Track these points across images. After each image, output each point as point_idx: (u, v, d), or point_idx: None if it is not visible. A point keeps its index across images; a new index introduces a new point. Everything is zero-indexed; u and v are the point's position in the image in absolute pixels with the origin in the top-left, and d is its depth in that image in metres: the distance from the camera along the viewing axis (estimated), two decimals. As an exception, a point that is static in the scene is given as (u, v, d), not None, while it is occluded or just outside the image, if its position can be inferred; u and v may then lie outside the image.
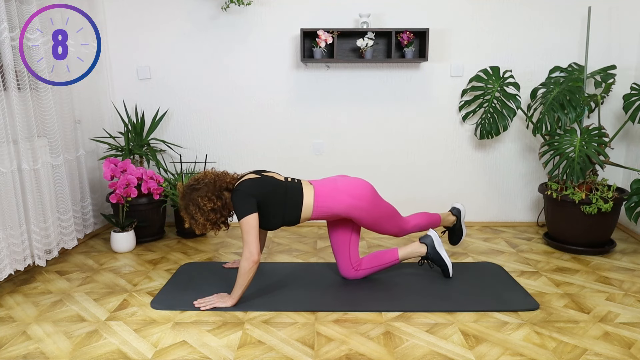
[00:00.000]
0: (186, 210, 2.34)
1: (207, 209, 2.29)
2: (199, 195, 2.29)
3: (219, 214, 2.33)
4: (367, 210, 2.43)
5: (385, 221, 2.54)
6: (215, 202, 2.30)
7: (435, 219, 2.80)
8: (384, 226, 2.56)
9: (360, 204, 2.41)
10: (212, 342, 2.02)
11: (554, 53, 3.44)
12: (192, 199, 2.31)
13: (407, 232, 2.69)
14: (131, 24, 3.47)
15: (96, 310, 2.31)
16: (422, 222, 2.74)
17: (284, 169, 3.52)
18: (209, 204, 2.28)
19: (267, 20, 3.44)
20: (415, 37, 3.34)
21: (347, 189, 2.42)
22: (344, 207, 2.40)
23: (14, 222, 2.50)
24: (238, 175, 2.46)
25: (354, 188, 2.44)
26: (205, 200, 2.28)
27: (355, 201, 2.40)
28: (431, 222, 2.77)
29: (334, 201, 2.39)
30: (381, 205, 2.51)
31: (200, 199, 2.28)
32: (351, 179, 2.51)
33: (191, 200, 2.31)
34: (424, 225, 2.74)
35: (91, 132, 3.40)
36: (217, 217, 2.33)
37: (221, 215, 2.35)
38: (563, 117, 3.06)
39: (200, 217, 2.30)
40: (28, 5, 2.62)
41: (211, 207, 2.29)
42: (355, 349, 1.96)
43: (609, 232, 3.06)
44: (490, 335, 2.07)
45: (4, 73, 2.48)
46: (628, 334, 2.07)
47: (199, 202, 2.28)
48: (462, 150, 3.61)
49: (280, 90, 3.55)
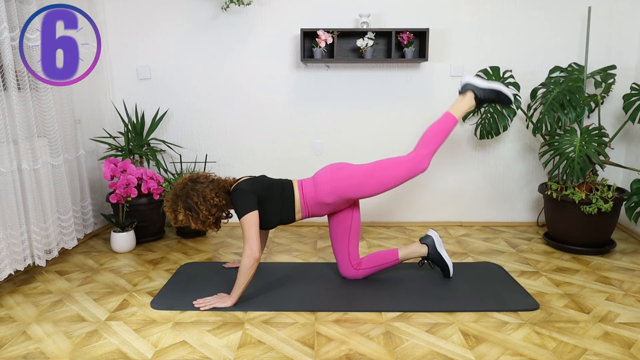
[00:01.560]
0: (184, 201, 2.28)
1: (212, 202, 2.30)
2: (206, 188, 2.30)
3: (220, 212, 2.36)
4: (349, 183, 2.41)
5: (378, 174, 2.42)
6: (221, 199, 2.33)
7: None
8: (385, 177, 2.41)
9: (340, 184, 2.41)
10: (212, 342, 2.02)
11: (554, 53, 3.44)
12: (196, 189, 2.30)
13: (425, 156, 2.43)
14: (131, 24, 3.47)
15: (96, 310, 2.31)
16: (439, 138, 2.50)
17: (284, 169, 3.52)
18: (216, 198, 2.30)
19: (267, 20, 3.44)
20: (415, 37, 3.34)
21: (322, 177, 2.46)
22: (327, 193, 2.41)
23: (14, 222, 2.50)
24: (233, 179, 2.50)
25: (327, 173, 2.47)
26: (213, 194, 2.30)
27: (333, 183, 2.42)
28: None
29: (317, 191, 2.43)
30: (359, 169, 2.46)
31: (209, 191, 2.29)
32: (325, 167, 2.54)
33: (195, 190, 2.29)
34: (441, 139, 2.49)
35: (91, 132, 3.40)
36: (218, 214, 2.35)
37: (222, 213, 2.38)
38: (563, 117, 3.06)
39: (204, 210, 2.28)
40: (28, 5, 2.62)
41: (216, 202, 2.31)
42: (355, 349, 1.96)
43: (609, 232, 3.06)
44: (490, 335, 2.07)
45: (4, 73, 2.48)
46: (628, 334, 2.07)
47: (206, 194, 2.29)
48: (462, 150, 3.61)
49: (280, 90, 3.55)
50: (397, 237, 3.42)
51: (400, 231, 3.57)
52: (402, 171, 2.43)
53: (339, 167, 2.49)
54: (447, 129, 2.49)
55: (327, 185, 2.42)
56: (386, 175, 2.42)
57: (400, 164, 2.44)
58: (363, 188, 2.42)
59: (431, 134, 2.48)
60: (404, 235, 3.48)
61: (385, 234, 3.51)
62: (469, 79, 2.55)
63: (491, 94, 2.50)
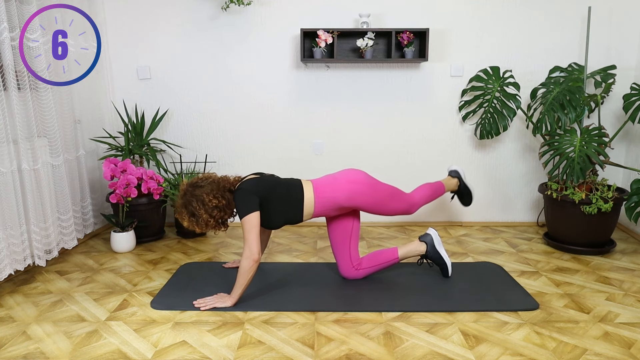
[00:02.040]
0: (186, 208, 2.33)
1: (211, 205, 2.29)
2: (204, 192, 2.31)
3: (222, 212, 2.34)
4: (367, 193, 2.45)
5: (389, 200, 2.54)
6: (219, 199, 2.32)
7: (439, 186, 2.82)
8: (390, 205, 2.55)
9: (360, 188, 2.43)
10: (212, 342, 2.02)
11: (554, 53, 3.44)
12: (196, 195, 2.31)
13: (417, 206, 2.67)
14: (131, 24, 3.47)
15: (96, 310, 2.31)
16: (427, 192, 2.74)
17: (284, 169, 3.52)
18: (214, 200, 2.30)
19: (267, 20, 3.44)
20: (415, 37, 3.34)
21: (344, 177, 2.48)
22: (345, 194, 2.42)
23: (14, 222, 2.50)
24: (239, 177, 2.48)
25: (351, 174, 2.50)
26: (211, 196, 2.30)
27: (354, 185, 2.43)
28: (436, 190, 2.79)
29: (334, 190, 2.42)
30: (380, 186, 2.52)
31: (206, 195, 2.30)
32: (346, 169, 2.57)
33: (194, 196, 2.31)
34: (429, 195, 2.74)
35: (91, 132, 3.40)
36: (220, 215, 2.34)
37: (224, 214, 2.36)
38: (563, 117, 3.06)
39: (204, 214, 2.30)
40: (28, 5, 2.62)
41: (215, 204, 2.30)
42: (355, 349, 1.96)
43: (609, 232, 3.06)
44: (490, 335, 2.07)
45: (4, 73, 2.48)
46: (628, 334, 2.07)
47: (203, 198, 2.29)
48: (462, 150, 3.61)
49: (280, 90, 3.55)
50: (397, 237, 3.42)
51: (400, 231, 3.57)
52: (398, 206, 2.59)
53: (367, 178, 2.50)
54: (436, 195, 2.79)
55: (346, 186, 2.43)
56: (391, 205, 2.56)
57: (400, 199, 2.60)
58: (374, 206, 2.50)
59: (425, 196, 2.73)
60: (404, 235, 3.48)
61: (385, 234, 3.51)
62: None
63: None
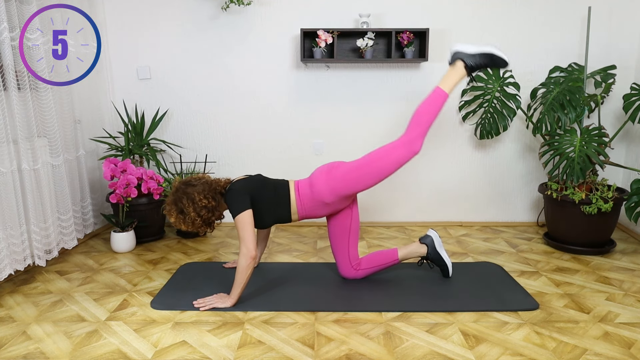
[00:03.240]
0: (176, 204, 2.32)
1: (201, 204, 2.30)
2: (195, 191, 2.32)
3: (210, 213, 2.34)
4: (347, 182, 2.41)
5: (379, 162, 2.40)
6: (210, 200, 2.32)
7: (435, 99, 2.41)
8: (385, 165, 2.39)
9: (336, 184, 2.41)
10: (212, 342, 2.02)
11: (554, 53, 3.44)
12: (187, 192, 2.32)
13: (417, 138, 2.36)
14: (131, 24, 3.47)
15: (96, 310, 2.31)
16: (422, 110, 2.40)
17: (284, 169, 3.51)
18: (204, 200, 2.30)
19: (267, 20, 3.44)
20: (415, 37, 3.34)
21: (318, 179, 2.45)
22: (326, 193, 2.41)
23: (14, 222, 2.50)
24: (229, 180, 2.50)
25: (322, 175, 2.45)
26: (202, 196, 2.31)
27: (330, 183, 2.41)
28: (432, 103, 2.41)
29: (313, 192, 2.42)
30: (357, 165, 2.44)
31: (197, 194, 2.31)
32: (318, 169, 2.53)
33: (185, 194, 2.32)
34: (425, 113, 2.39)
35: (91, 132, 3.40)
36: (207, 215, 2.34)
37: (212, 215, 2.36)
38: (563, 117, 3.06)
39: (192, 212, 2.30)
40: (28, 5, 2.62)
41: (205, 204, 2.31)
42: (355, 349, 1.96)
43: (609, 232, 3.06)
44: (490, 335, 2.07)
45: (4, 73, 2.47)
46: (628, 334, 2.07)
47: (194, 196, 2.30)
48: (462, 150, 3.61)
49: (280, 90, 3.55)
50: (397, 237, 3.42)
51: (400, 231, 3.57)
52: (396, 157, 2.38)
53: (334, 166, 2.48)
54: (437, 106, 2.37)
55: (325, 186, 2.42)
56: (382, 165, 2.39)
57: (393, 150, 2.40)
58: (361, 182, 2.42)
59: (421, 113, 2.38)
60: (404, 235, 3.48)
61: (385, 234, 3.51)
62: (458, 46, 2.38)
63: (484, 59, 2.36)
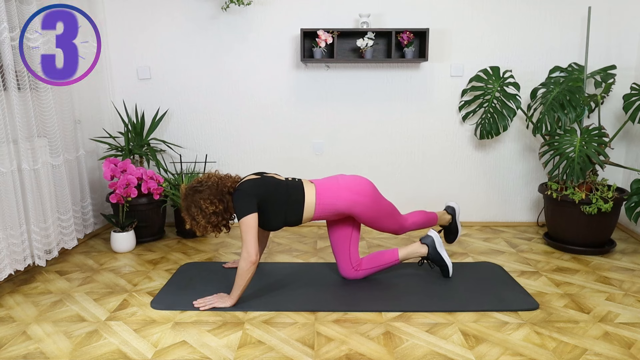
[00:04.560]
0: (188, 212, 2.34)
1: (209, 211, 2.29)
2: (201, 198, 2.30)
3: (220, 217, 2.34)
4: (368, 206, 2.44)
5: (385, 217, 2.56)
6: (217, 205, 2.30)
7: (432, 217, 2.84)
8: (384, 223, 2.58)
9: (362, 200, 2.43)
10: (212, 342, 2.02)
11: (554, 53, 3.44)
12: (194, 200, 2.31)
13: (406, 230, 2.71)
14: (131, 24, 3.47)
15: (96, 310, 2.31)
16: (420, 220, 2.77)
17: (284, 169, 3.52)
18: (211, 207, 2.29)
19: (267, 20, 3.44)
20: (415, 37, 3.34)
21: (348, 186, 2.44)
22: (346, 203, 2.41)
23: (14, 222, 2.50)
24: (239, 177, 2.47)
25: (355, 184, 2.46)
26: (208, 202, 2.29)
27: (357, 197, 2.42)
28: (428, 220, 2.81)
29: (336, 198, 2.41)
30: (381, 202, 2.54)
31: (203, 201, 2.29)
32: (352, 176, 2.54)
33: (193, 202, 2.31)
34: (421, 223, 2.78)
35: (91, 132, 3.40)
36: (218, 219, 2.33)
37: (222, 219, 2.35)
38: (563, 117, 3.06)
39: (202, 219, 2.30)
40: (28, 5, 2.62)
41: (213, 210, 2.29)
42: (355, 349, 1.96)
43: (609, 232, 3.06)
44: (490, 335, 2.07)
45: (4, 73, 2.48)
46: (628, 334, 2.07)
47: (201, 204, 2.29)
48: (462, 150, 3.61)
49: (280, 90, 3.55)
50: (396, 238, 3.42)
51: (400, 231, 3.57)
52: (391, 228, 2.64)
53: (371, 189, 2.49)
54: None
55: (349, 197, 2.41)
56: (385, 223, 2.59)
57: (395, 222, 2.63)
58: (370, 220, 2.52)
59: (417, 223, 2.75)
60: (404, 235, 3.47)
61: (386, 234, 3.51)
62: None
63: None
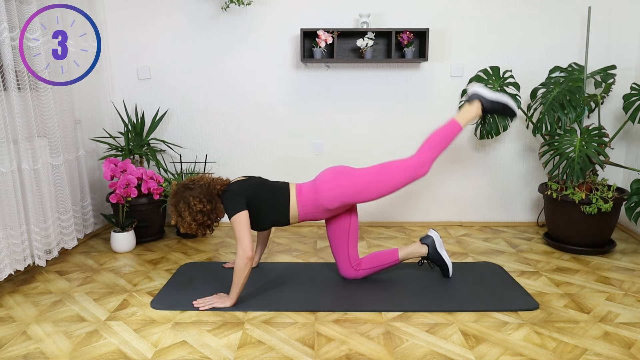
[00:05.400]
0: (175, 207, 2.36)
1: (196, 209, 2.31)
2: (191, 195, 2.32)
3: (206, 217, 2.35)
4: (351, 189, 2.41)
5: (381, 176, 2.42)
6: (205, 204, 2.32)
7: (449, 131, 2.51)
8: (387, 181, 2.42)
9: (341, 190, 2.40)
10: (212, 342, 2.02)
11: (554, 53, 3.44)
12: (184, 197, 2.33)
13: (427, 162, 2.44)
14: (131, 24, 3.47)
15: (96, 310, 2.31)
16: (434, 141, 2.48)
17: (284, 169, 3.52)
18: (199, 205, 2.30)
19: (267, 20, 3.44)
20: (415, 37, 3.34)
21: (323, 182, 2.44)
22: (328, 199, 2.40)
23: (14, 222, 2.50)
24: (229, 180, 2.50)
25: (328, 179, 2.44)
26: (197, 200, 2.31)
27: (335, 189, 2.40)
28: (447, 134, 2.49)
29: (316, 197, 2.41)
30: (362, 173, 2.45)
31: (192, 198, 2.31)
32: (324, 171, 2.52)
33: (182, 198, 2.34)
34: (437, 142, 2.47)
35: (91, 132, 3.40)
36: (203, 219, 2.34)
37: (208, 219, 2.36)
38: (563, 117, 3.06)
39: (188, 216, 2.32)
40: (28, 5, 2.62)
41: (200, 209, 2.31)
42: (355, 349, 1.96)
43: (609, 232, 3.06)
44: (490, 335, 2.07)
45: (4, 73, 2.48)
46: (628, 334, 2.07)
47: (189, 200, 2.31)
48: (462, 150, 3.61)
49: (280, 90, 3.55)
50: (397, 237, 3.42)
51: (400, 231, 3.57)
52: (403, 176, 2.43)
53: (341, 172, 2.46)
54: (450, 136, 2.49)
55: (330, 192, 2.40)
56: (388, 181, 2.42)
57: (402, 169, 2.43)
58: (366, 194, 2.42)
59: (434, 140, 2.48)
60: (404, 235, 3.48)
61: (385, 234, 3.51)
62: (477, 89, 2.56)
63: (498, 106, 2.53)
